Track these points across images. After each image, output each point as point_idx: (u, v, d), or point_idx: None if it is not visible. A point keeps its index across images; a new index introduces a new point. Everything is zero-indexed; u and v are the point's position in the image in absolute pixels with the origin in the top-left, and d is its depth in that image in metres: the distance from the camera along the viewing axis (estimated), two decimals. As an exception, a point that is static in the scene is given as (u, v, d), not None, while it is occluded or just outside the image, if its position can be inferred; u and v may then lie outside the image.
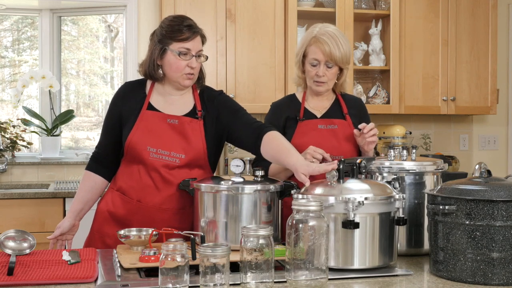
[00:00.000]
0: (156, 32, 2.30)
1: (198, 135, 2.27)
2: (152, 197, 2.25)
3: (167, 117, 2.27)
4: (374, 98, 4.42)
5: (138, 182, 2.26)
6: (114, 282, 1.68)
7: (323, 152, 2.29)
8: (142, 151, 2.23)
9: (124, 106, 2.31)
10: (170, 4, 4.03)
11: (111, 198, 2.33)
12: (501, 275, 1.66)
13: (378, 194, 1.81)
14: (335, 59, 2.42)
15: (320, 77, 2.44)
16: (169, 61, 2.24)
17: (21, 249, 1.96)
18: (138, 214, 2.26)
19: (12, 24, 4.80)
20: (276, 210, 2.06)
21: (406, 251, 2.04)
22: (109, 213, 2.31)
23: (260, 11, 4.15)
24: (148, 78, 2.33)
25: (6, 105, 4.77)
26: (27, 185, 4.09)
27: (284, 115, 2.52)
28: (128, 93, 2.34)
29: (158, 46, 2.25)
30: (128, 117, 2.29)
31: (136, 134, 2.25)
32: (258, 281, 1.59)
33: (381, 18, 4.45)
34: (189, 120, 2.28)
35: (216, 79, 4.10)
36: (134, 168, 2.27)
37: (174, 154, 2.24)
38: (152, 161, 2.23)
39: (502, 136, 5.02)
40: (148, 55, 2.30)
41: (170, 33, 2.23)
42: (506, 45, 4.95)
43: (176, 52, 2.22)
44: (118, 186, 2.32)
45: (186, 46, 2.23)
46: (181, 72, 2.24)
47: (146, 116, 2.27)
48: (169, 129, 2.26)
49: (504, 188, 1.68)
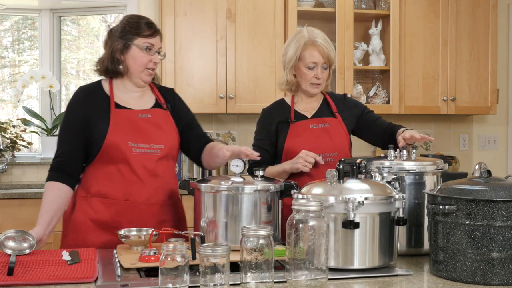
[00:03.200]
0: (115, 29, 2.32)
1: (170, 125, 2.35)
2: (140, 193, 2.26)
3: (138, 112, 2.31)
4: (374, 98, 4.42)
5: (121, 181, 2.25)
6: (114, 282, 1.68)
7: (315, 155, 2.39)
8: (123, 148, 2.24)
9: (88, 109, 2.28)
10: (170, 4, 4.03)
11: (89, 205, 2.27)
12: (501, 275, 1.66)
13: (378, 194, 1.81)
14: (331, 60, 2.51)
15: (318, 79, 2.50)
16: (133, 56, 2.28)
17: (21, 249, 1.96)
18: (126, 213, 2.25)
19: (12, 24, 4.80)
20: (276, 210, 2.06)
21: (406, 251, 2.04)
22: (92, 221, 2.25)
23: (260, 11, 4.15)
24: (107, 75, 2.34)
25: (6, 105, 4.77)
26: (27, 185, 4.09)
27: (275, 120, 2.57)
28: (88, 96, 2.32)
29: (121, 41, 2.28)
30: (95, 118, 2.27)
31: (114, 133, 2.24)
32: (258, 281, 1.59)
33: (381, 18, 4.45)
34: (160, 112, 2.35)
35: (216, 79, 4.10)
36: (112, 168, 2.25)
37: (154, 146, 2.28)
38: (136, 156, 2.25)
39: (502, 136, 5.02)
40: (107, 51, 2.33)
41: (136, 29, 2.28)
42: (506, 45, 4.95)
43: (143, 47, 2.27)
44: (95, 191, 2.27)
45: (150, 41, 2.29)
46: (144, 67, 2.30)
47: (118, 114, 2.28)
48: (143, 122, 2.29)
49: (504, 188, 1.68)
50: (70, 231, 2.29)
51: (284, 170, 2.44)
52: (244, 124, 4.49)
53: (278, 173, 2.45)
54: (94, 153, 2.26)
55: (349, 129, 2.57)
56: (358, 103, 2.68)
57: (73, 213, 2.30)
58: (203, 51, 4.09)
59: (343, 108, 2.59)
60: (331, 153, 2.48)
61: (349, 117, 2.58)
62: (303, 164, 2.37)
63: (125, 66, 2.30)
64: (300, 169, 2.38)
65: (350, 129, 2.57)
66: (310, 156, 2.38)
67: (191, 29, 4.06)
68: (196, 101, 4.08)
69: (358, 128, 2.61)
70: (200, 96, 4.09)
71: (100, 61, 2.35)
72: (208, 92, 4.10)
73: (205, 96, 4.10)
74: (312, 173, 2.41)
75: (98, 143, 2.24)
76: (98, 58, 2.38)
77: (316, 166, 2.41)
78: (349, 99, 2.66)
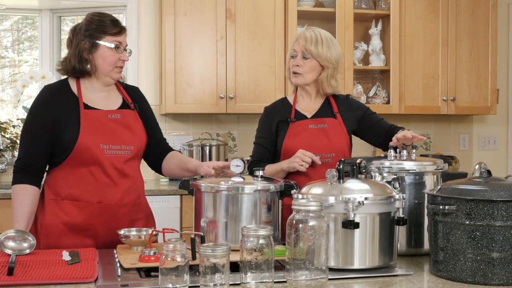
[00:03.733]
0: (80, 27, 2.27)
1: (139, 125, 2.35)
2: (112, 194, 2.25)
3: (107, 113, 2.28)
4: (374, 98, 4.42)
5: (94, 184, 2.23)
6: (114, 282, 1.68)
7: (312, 155, 2.39)
8: (95, 150, 2.21)
9: (56, 110, 2.23)
10: (170, 4, 4.03)
11: (60, 208, 2.23)
12: (501, 275, 1.66)
13: (378, 194, 1.81)
14: (311, 51, 2.49)
15: (296, 67, 2.52)
16: (102, 55, 2.25)
17: (21, 249, 1.96)
18: (100, 216, 2.23)
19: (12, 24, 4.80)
20: (276, 210, 2.06)
21: (406, 251, 2.04)
22: (65, 224, 2.22)
23: (260, 11, 4.15)
24: (73, 75, 2.29)
25: (6, 105, 4.77)
26: (27, 185, 4.08)
27: (276, 118, 2.58)
28: (55, 96, 2.27)
29: (88, 40, 2.24)
30: (65, 120, 2.22)
31: (86, 135, 2.20)
32: (258, 281, 1.59)
33: (381, 18, 4.45)
34: (129, 113, 2.33)
35: (216, 79, 4.10)
36: (83, 171, 2.22)
37: (125, 147, 2.27)
38: (108, 158, 2.23)
39: (502, 136, 5.02)
40: (72, 51, 2.27)
41: (102, 27, 2.25)
42: (506, 45, 4.95)
43: (112, 45, 2.25)
44: (66, 194, 2.23)
45: (118, 39, 2.28)
46: (114, 65, 2.28)
47: (88, 116, 2.24)
48: (113, 123, 2.27)
49: (504, 188, 1.68)
50: (41, 235, 2.23)
51: (282, 169, 2.46)
52: (244, 124, 4.49)
53: (276, 172, 2.46)
54: (63, 156, 2.22)
55: (350, 130, 2.57)
56: (361, 105, 2.67)
57: (43, 217, 2.25)
58: (203, 51, 4.09)
59: (345, 109, 2.59)
60: (328, 154, 2.48)
61: (350, 118, 2.57)
62: (300, 164, 2.38)
63: (93, 65, 2.26)
64: (297, 168, 2.39)
65: (350, 130, 2.57)
66: (307, 156, 2.38)
67: (191, 29, 4.06)
68: (196, 101, 4.08)
69: (360, 130, 2.60)
70: (200, 96, 4.09)
71: (66, 60, 2.29)
72: (208, 92, 4.10)
73: (205, 96, 4.10)
74: (309, 173, 2.42)
75: (69, 145, 2.20)
76: (63, 58, 2.32)
77: (313, 166, 2.42)
78: (352, 100, 2.65)
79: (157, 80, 4.29)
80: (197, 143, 4.12)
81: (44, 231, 2.23)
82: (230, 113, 4.18)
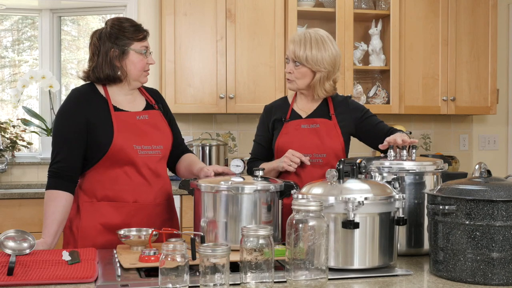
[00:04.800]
0: (105, 34, 2.28)
1: (165, 125, 2.39)
2: (147, 194, 2.29)
3: (136, 114, 2.31)
4: (374, 98, 4.42)
5: (129, 184, 2.26)
6: (114, 282, 1.68)
7: (300, 155, 2.40)
8: (130, 151, 2.24)
9: (88, 111, 2.25)
10: (170, 4, 4.03)
11: (97, 210, 2.26)
12: (501, 275, 1.66)
13: (378, 194, 1.81)
14: (300, 58, 2.46)
15: (288, 73, 2.52)
16: (133, 61, 2.29)
17: (21, 249, 1.96)
18: (136, 215, 2.27)
19: (12, 24, 4.80)
20: (276, 210, 2.06)
21: (406, 251, 2.04)
22: (103, 225, 2.25)
23: (260, 11, 4.15)
24: (106, 82, 2.30)
25: (6, 105, 4.77)
26: (27, 185, 4.09)
27: (273, 117, 2.59)
28: (86, 98, 2.29)
29: (117, 48, 2.26)
30: (97, 122, 2.24)
31: (120, 136, 2.23)
32: (258, 281, 1.59)
33: (381, 18, 4.45)
34: (155, 113, 2.37)
35: (216, 79, 4.10)
36: (118, 171, 2.25)
37: (155, 147, 2.31)
38: (142, 158, 2.26)
39: (502, 136, 5.02)
40: (102, 59, 2.27)
41: (130, 33, 2.28)
42: (506, 45, 4.95)
43: (142, 51, 2.29)
44: (103, 195, 2.26)
45: (145, 44, 2.32)
46: (143, 70, 2.32)
47: (119, 117, 2.27)
48: (142, 124, 2.31)
49: (504, 188, 1.68)
50: (79, 237, 2.26)
51: (273, 168, 2.47)
52: (244, 124, 4.49)
53: (269, 171, 2.47)
54: (97, 157, 2.24)
55: (346, 131, 2.53)
56: (360, 106, 2.62)
57: (79, 220, 2.27)
58: (203, 51, 4.09)
59: (342, 111, 2.56)
60: (319, 154, 2.47)
61: (347, 119, 2.54)
62: (288, 164, 2.39)
63: (124, 71, 2.29)
64: (285, 168, 2.39)
65: (346, 132, 2.54)
66: (296, 156, 2.39)
67: (191, 29, 4.06)
68: (196, 101, 4.08)
69: (358, 132, 2.58)
70: (200, 96, 4.09)
71: (94, 70, 2.28)
72: (208, 92, 4.10)
73: (205, 96, 4.10)
74: (299, 173, 2.44)
75: (104, 147, 2.22)
76: (90, 66, 2.31)
77: (303, 166, 2.42)
78: (351, 102, 2.62)
79: (157, 80, 4.28)
80: (197, 143, 4.12)
81: (81, 234, 2.26)
82: (230, 113, 4.18)
